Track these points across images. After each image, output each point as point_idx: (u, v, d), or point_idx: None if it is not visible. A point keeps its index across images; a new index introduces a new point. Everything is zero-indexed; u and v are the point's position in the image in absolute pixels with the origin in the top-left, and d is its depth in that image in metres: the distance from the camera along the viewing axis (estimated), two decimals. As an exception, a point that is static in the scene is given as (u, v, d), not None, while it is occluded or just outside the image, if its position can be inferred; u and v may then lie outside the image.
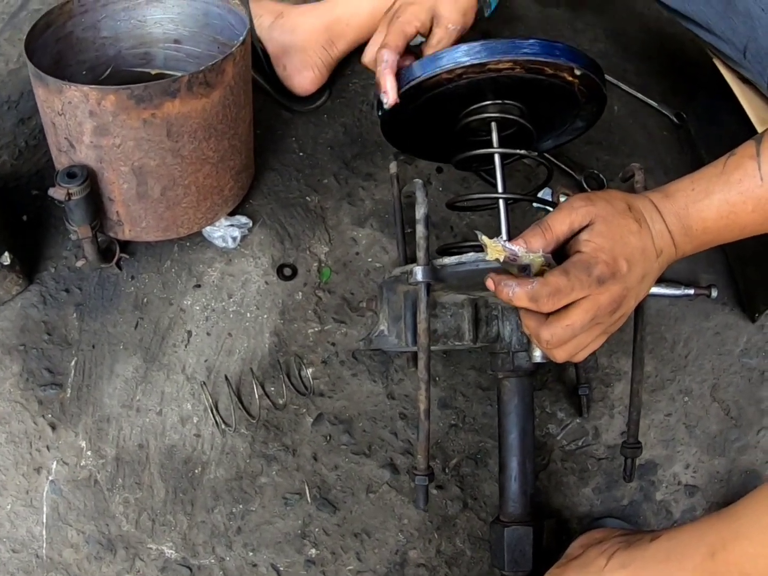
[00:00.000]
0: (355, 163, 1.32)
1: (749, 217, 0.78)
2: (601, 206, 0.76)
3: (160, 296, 1.14)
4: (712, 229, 0.79)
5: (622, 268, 0.74)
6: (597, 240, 0.74)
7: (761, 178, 0.76)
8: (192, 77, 0.93)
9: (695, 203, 0.79)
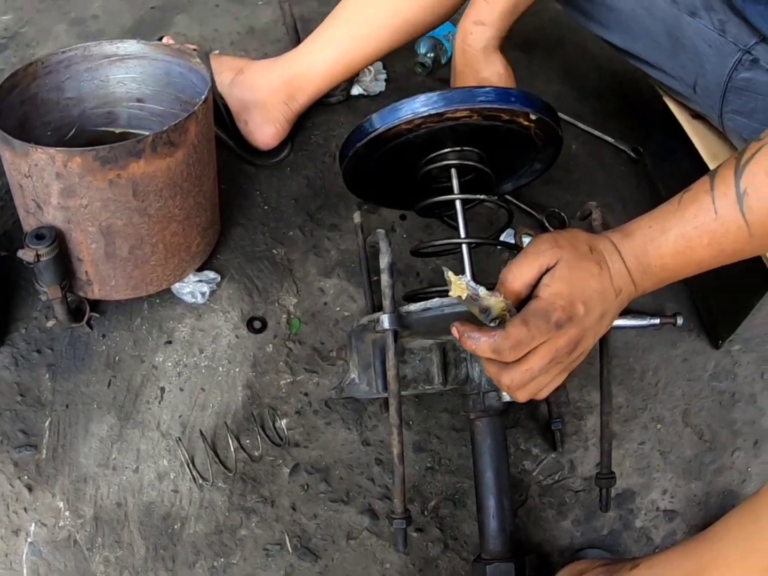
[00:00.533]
0: (320, 214, 1.43)
1: (705, 251, 0.82)
2: (566, 250, 0.82)
3: (131, 354, 1.22)
4: (670, 265, 0.84)
5: (578, 312, 0.80)
6: (556, 285, 0.80)
7: (715, 212, 0.80)
8: (156, 137, 1.02)
9: (653, 241, 0.84)
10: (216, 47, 1.82)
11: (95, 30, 1.87)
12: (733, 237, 0.80)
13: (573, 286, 0.81)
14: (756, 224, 0.79)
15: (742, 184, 0.78)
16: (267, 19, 1.92)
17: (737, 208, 0.79)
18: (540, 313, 0.79)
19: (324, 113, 1.63)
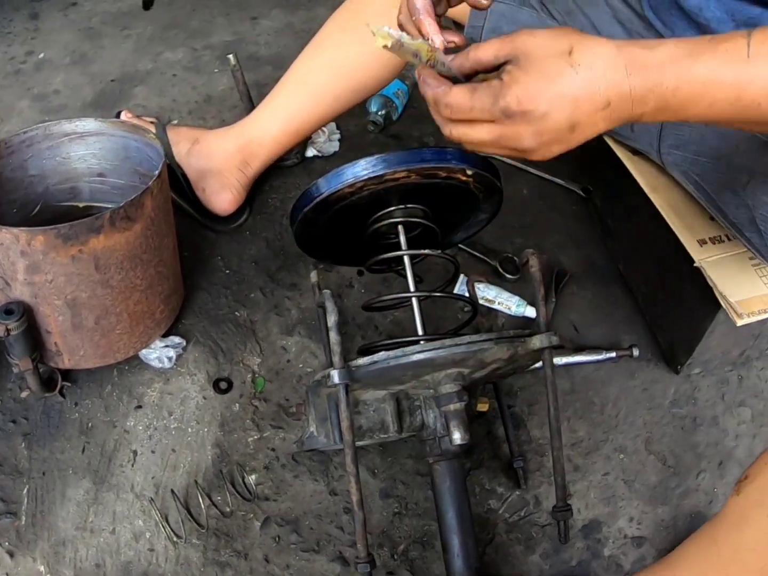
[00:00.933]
0: (280, 275, 1.56)
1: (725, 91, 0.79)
2: (537, 42, 0.79)
3: (103, 420, 1.33)
4: (683, 92, 0.79)
5: (536, 110, 0.78)
6: (517, 74, 0.78)
7: (748, 54, 0.77)
8: (113, 213, 1.13)
9: (676, 60, 0.79)
10: (175, 117, 1.96)
11: (57, 105, 2.01)
12: (757, 86, 0.77)
13: (538, 80, 0.78)
14: None
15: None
16: (223, 86, 2.06)
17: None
18: (490, 91, 0.79)
19: (280, 176, 1.77)
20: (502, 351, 1.05)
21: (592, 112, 0.79)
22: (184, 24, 2.37)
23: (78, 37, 2.30)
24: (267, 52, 2.22)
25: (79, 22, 2.37)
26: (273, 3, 2.46)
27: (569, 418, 1.40)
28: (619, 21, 1.34)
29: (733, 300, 1.23)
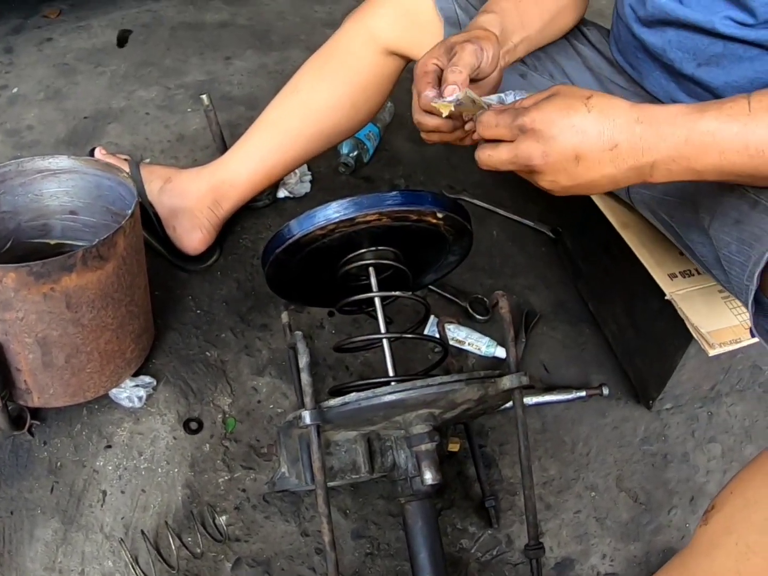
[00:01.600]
0: (250, 315, 1.58)
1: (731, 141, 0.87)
2: (565, 89, 0.93)
3: (72, 459, 1.33)
4: (693, 141, 0.88)
5: (547, 132, 0.89)
6: (541, 103, 0.92)
7: (750, 109, 0.87)
8: (86, 252, 1.15)
9: (687, 114, 0.88)
10: (147, 155, 1.99)
11: (30, 140, 2.03)
12: (760, 135, 0.86)
13: (555, 110, 0.90)
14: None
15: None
16: (196, 125, 2.10)
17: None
18: (512, 112, 0.93)
19: (252, 217, 1.80)
20: (472, 392, 1.08)
21: (599, 150, 0.89)
22: (158, 62, 2.41)
23: (52, 73, 2.33)
24: (240, 92, 2.27)
25: (53, 57, 2.41)
26: (247, 44, 2.51)
27: (540, 457, 1.43)
28: (588, 68, 1.40)
29: (705, 331, 1.28)
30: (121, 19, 2.66)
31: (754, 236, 0.97)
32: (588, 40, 1.43)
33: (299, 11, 2.75)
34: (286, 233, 1.15)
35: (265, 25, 2.65)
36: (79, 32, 2.57)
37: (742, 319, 1.31)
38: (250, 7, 2.77)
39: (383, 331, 1.20)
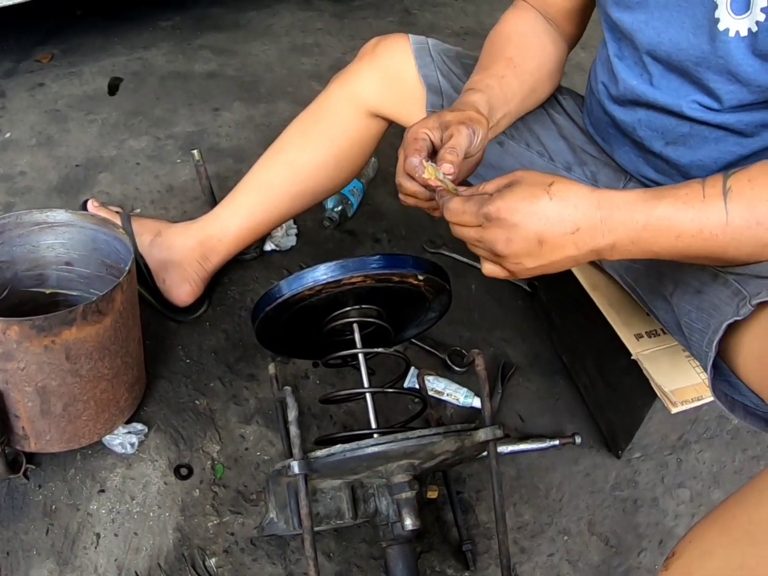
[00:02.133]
0: (238, 365, 1.66)
1: (688, 225, 0.94)
2: (527, 175, 0.99)
3: (67, 503, 1.40)
4: (652, 226, 0.94)
5: (510, 219, 0.94)
6: (504, 191, 0.97)
7: (704, 195, 0.94)
8: (86, 307, 1.22)
9: (645, 201, 0.95)
10: (137, 205, 2.07)
11: (23, 186, 2.11)
12: (714, 220, 0.93)
13: (517, 199, 0.95)
14: (733, 213, 0.93)
15: (728, 183, 0.95)
16: (185, 177, 2.19)
17: (722, 198, 0.94)
18: (478, 200, 0.99)
19: (239, 269, 1.88)
20: (450, 443, 1.16)
21: (561, 234, 0.95)
22: (148, 112, 2.50)
23: (44, 119, 2.42)
24: (228, 144, 2.36)
25: (45, 103, 2.50)
26: (234, 95, 2.61)
27: (515, 502, 1.50)
28: (563, 136, 1.49)
29: (668, 389, 1.36)
30: (112, 67, 2.76)
31: (713, 306, 1.06)
32: (563, 108, 1.53)
33: (286, 63, 2.86)
34: (276, 292, 1.23)
35: (252, 77, 2.75)
36: (71, 78, 2.67)
37: (704, 378, 1.37)
38: (239, 57, 2.87)
39: (366, 385, 1.28)
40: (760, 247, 0.94)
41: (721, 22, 1.09)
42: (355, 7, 3.43)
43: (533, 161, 1.50)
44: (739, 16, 1.07)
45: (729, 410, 1.08)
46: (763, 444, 1.67)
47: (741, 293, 1.02)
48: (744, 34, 1.07)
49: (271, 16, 3.26)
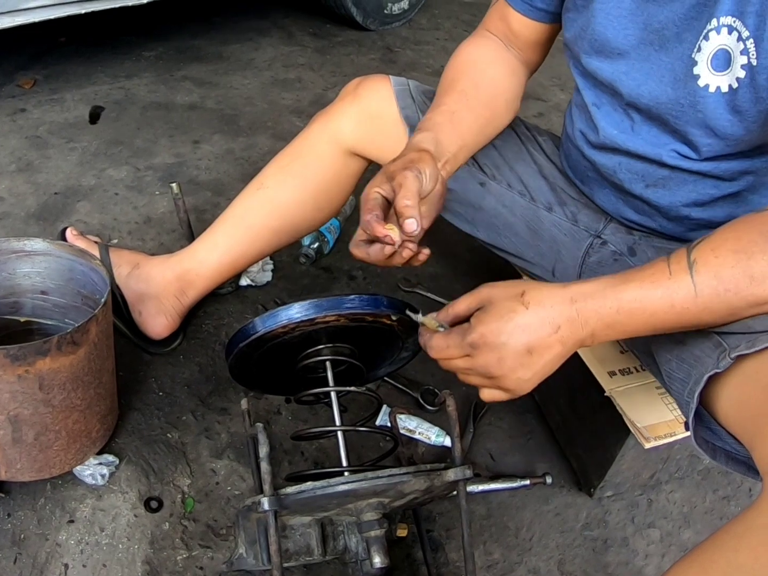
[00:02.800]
0: (211, 399, 1.68)
1: (658, 303, 0.98)
2: (496, 292, 1.03)
3: (36, 532, 1.40)
4: (624, 310, 0.99)
5: (497, 340, 0.98)
6: (481, 316, 1.00)
7: (670, 273, 0.98)
8: (61, 338, 1.23)
9: (614, 287, 1.00)
10: (115, 236, 2.09)
11: (1, 212, 2.13)
12: (683, 295, 0.97)
13: (494, 319, 0.99)
14: (701, 285, 0.98)
15: (692, 256, 0.99)
16: (163, 209, 2.21)
17: (688, 273, 0.98)
18: (459, 331, 1.02)
19: (215, 303, 1.90)
20: (419, 483, 1.17)
21: (545, 336, 0.99)
22: (129, 142, 2.53)
23: (25, 145, 2.45)
24: (207, 177, 2.38)
25: (26, 129, 2.53)
26: (214, 128, 2.64)
27: (485, 541, 1.51)
28: (543, 176, 1.52)
29: (641, 425, 1.38)
30: (94, 95, 2.79)
31: (695, 357, 1.08)
32: (543, 149, 1.56)
33: (267, 97, 2.90)
34: (251, 329, 1.23)
35: (233, 110, 2.78)
36: (53, 105, 2.70)
37: (678, 414, 1.42)
38: (220, 90, 2.91)
39: (338, 423, 1.29)
40: (733, 310, 0.99)
41: (701, 78, 1.13)
42: (338, 44, 3.49)
43: (514, 201, 1.53)
44: (720, 72, 1.11)
45: (711, 457, 1.10)
46: (734, 484, 1.70)
47: (721, 345, 1.04)
48: (725, 90, 1.11)
49: (254, 50, 3.31)
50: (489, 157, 1.55)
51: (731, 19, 1.08)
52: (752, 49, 1.06)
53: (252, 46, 3.33)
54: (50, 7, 2.51)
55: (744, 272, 0.97)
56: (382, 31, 3.73)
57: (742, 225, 1.01)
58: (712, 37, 1.11)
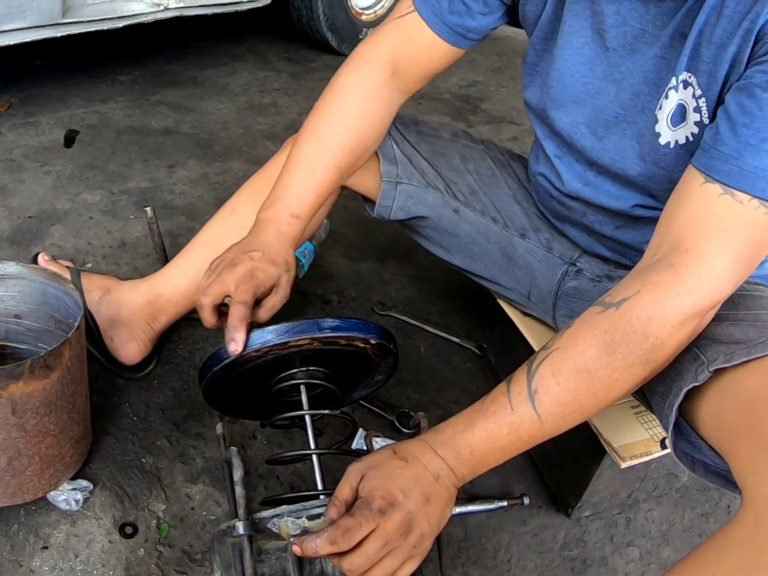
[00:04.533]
0: (186, 424, 1.67)
1: (506, 439, 1.04)
2: (368, 461, 1.06)
3: (9, 558, 1.38)
4: (477, 452, 1.05)
5: (398, 497, 1.00)
6: (370, 484, 1.02)
7: (512, 408, 1.03)
8: (34, 362, 1.23)
9: (461, 433, 1.05)
10: (89, 260, 2.09)
11: (-26, 235, 2.11)
12: (527, 427, 1.03)
13: (384, 479, 1.02)
14: (545, 414, 1.02)
15: (533, 385, 1.03)
16: (137, 233, 2.21)
17: (530, 404, 1.02)
18: (362, 504, 1.00)
19: (189, 328, 1.89)
20: (395, 505, 1.18)
21: (431, 484, 1.04)
22: (103, 166, 2.53)
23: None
24: (181, 201, 2.38)
25: (1, 152, 2.54)
26: (189, 153, 2.65)
27: (464, 563, 1.51)
28: (517, 201, 1.54)
29: (616, 445, 1.40)
30: (69, 119, 2.80)
31: (675, 370, 1.09)
32: (516, 176, 1.58)
33: (242, 122, 2.91)
34: (224, 354, 1.24)
35: (208, 135, 2.80)
36: (27, 128, 2.70)
37: (653, 433, 1.44)
38: (195, 114, 2.92)
39: (313, 446, 1.29)
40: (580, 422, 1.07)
41: (662, 136, 1.15)
42: (313, 69, 3.52)
43: (489, 228, 1.55)
44: (677, 127, 1.13)
45: (690, 469, 1.11)
46: (712, 501, 1.72)
47: (700, 359, 1.06)
48: (682, 142, 1.13)
49: (229, 75, 3.33)
50: (462, 183, 1.56)
51: (687, 74, 1.10)
52: (704, 107, 1.09)
53: (227, 71, 3.35)
54: (26, 30, 2.52)
55: (587, 391, 1.03)
56: (357, 56, 3.73)
57: (585, 333, 1.04)
58: (671, 95, 1.13)
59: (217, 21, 3.79)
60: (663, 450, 1.41)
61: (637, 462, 1.40)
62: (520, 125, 3.21)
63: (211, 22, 3.67)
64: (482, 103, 3.44)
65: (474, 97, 3.44)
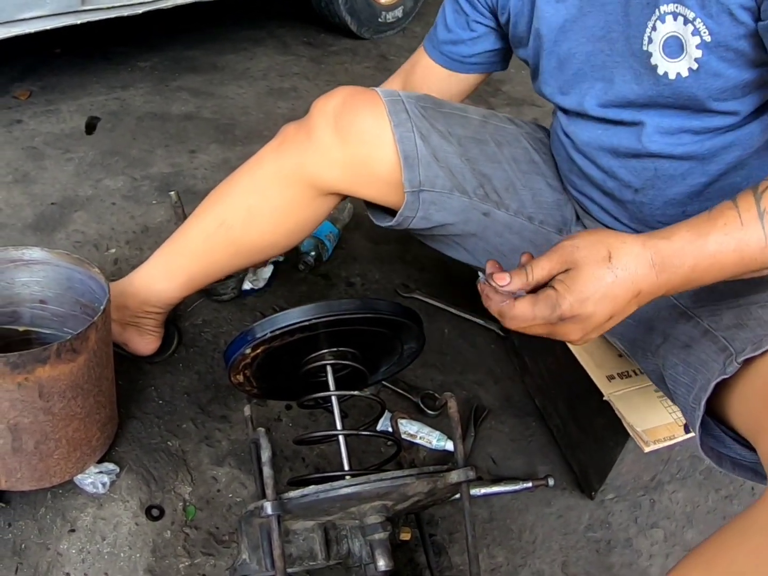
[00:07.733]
0: (211, 407, 1.67)
1: (731, 256, 0.97)
2: (582, 255, 0.97)
3: (37, 542, 1.39)
4: (700, 266, 0.97)
5: (586, 312, 0.96)
6: (568, 283, 0.96)
7: (742, 223, 0.96)
8: (60, 346, 1.23)
9: (692, 243, 0.97)
10: (113, 245, 2.09)
11: (-2, 222, 2.12)
12: (753, 246, 0.96)
13: (585, 287, 0.95)
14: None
15: (762, 205, 0.97)
16: (160, 218, 2.21)
17: (759, 223, 0.95)
18: (548, 302, 0.96)
19: (213, 311, 1.90)
20: (422, 485, 1.17)
21: (627, 302, 0.98)
22: (125, 152, 2.53)
23: (21, 156, 2.45)
24: (204, 186, 2.38)
25: (22, 140, 2.54)
26: (211, 137, 2.64)
27: (488, 545, 1.51)
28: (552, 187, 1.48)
29: (640, 429, 1.38)
30: (90, 106, 2.80)
31: (701, 361, 1.08)
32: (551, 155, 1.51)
33: (263, 107, 2.90)
34: (249, 335, 1.24)
35: (229, 119, 2.79)
36: (48, 116, 2.70)
37: (677, 417, 1.42)
38: (216, 99, 2.91)
39: (339, 427, 1.29)
40: None
41: (660, 67, 1.13)
42: (332, 52, 3.50)
43: (523, 227, 1.46)
44: (674, 59, 1.11)
45: (717, 464, 1.09)
46: (736, 483, 1.70)
47: (728, 350, 1.04)
48: (685, 75, 1.11)
49: (249, 60, 3.31)
50: (499, 176, 1.45)
51: (673, 6, 1.08)
52: (702, 27, 1.06)
53: (247, 56, 3.34)
54: (45, 17, 2.51)
55: None
56: (376, 39, 3.75)
57: None
58: (659, 27, 1.11)
59: (236, 6, 3.80)
60: (687, 434, 1.40)
61: (661, 446, 1.38)
62: (541, 107, 3.18)
63: (230, 7, 3.66)
64: (503, 86, 3.40)
65: (494, 79, 3.40)
